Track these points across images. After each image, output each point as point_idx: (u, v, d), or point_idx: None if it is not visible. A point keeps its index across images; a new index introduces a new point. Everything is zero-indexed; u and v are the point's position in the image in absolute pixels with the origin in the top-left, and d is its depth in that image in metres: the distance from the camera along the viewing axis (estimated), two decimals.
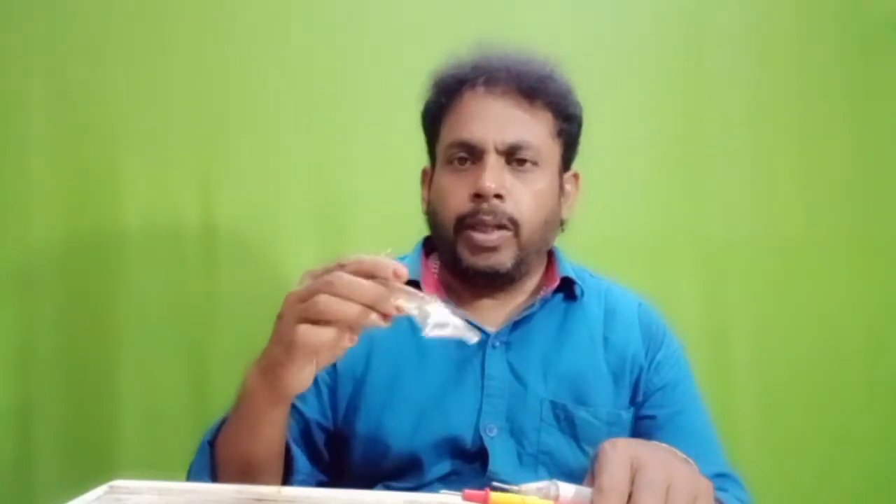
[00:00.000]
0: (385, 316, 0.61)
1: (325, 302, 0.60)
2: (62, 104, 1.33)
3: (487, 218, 0.90)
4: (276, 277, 1.32)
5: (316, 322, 0.61)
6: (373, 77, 1.36)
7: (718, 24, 1.42)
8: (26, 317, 1.32)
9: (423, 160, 1.03)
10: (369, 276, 0.61)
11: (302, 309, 0.62)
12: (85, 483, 0.63)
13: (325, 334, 0.61)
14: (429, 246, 1.04)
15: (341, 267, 0.62)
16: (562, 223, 1.00)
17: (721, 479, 0.89)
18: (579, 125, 0.99)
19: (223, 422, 0.80)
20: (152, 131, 1.34)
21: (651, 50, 1.42)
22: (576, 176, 1.01)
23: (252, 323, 1.25)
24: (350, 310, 0.60)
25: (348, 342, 0.63)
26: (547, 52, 0.96)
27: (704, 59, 1.42)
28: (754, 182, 1.42)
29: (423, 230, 1.03)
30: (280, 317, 0.65)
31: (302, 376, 0.65)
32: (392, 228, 1.31)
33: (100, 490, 0.62)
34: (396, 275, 0.61)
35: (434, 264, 1.02)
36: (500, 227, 0.91)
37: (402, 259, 1.02)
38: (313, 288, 0.62)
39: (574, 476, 0.88)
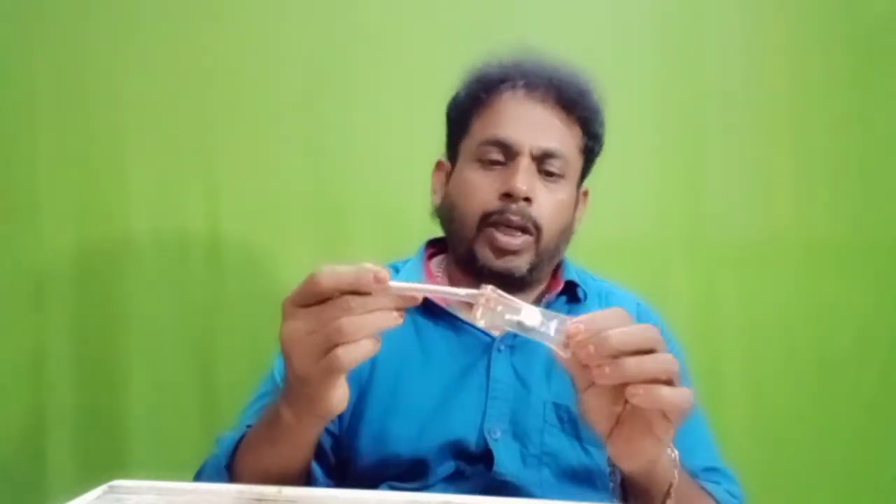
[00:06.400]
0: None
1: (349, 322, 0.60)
2: (70, 113, 1.34)
3: (515, 218, 0.90)
4: (280, 281, 1.32)
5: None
6: (374, 85, 1.36)
7: (717, 24, 1.42)
8: (38, 322, 1.33)
9: (425, 165, 1.03)
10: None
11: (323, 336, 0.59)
12: (97, 483, 0.63)
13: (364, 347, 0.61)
14: (431, 250, 1.03)
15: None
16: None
17: (712, 472, 0.89)
18: (601, 145, 1.00)
19: (237, 442, 0.77)
20: (159, 141, 1.35)
21: (650, 50, 1.41)
22: (586, 193, 1.03)
23: (257, 325, 1.29)
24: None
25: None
26: (584, 65, 0.96)
27: (703, 61, 1.42)
28: (753, 183, 1.42)
29: (424, 235, 1.03)
30: (289, 354, 0.61)
31: (339, 395, 0.64)
32: (393, 233, 1.33)
33: (99, 490, 0.62)
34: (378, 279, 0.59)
35: (437, 269, 1.02)
36: (524, 230, 0.91)
37: (404, 263, 1.02)
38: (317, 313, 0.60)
39: (577, 475, 0.88)
